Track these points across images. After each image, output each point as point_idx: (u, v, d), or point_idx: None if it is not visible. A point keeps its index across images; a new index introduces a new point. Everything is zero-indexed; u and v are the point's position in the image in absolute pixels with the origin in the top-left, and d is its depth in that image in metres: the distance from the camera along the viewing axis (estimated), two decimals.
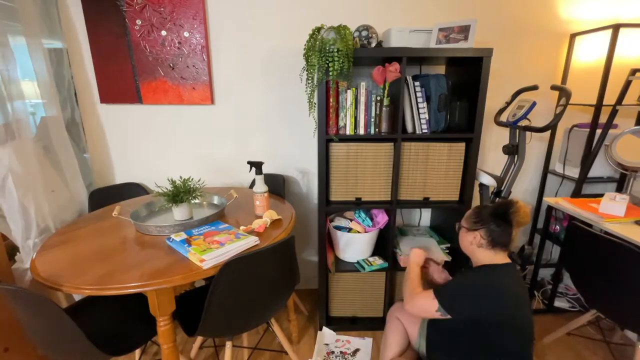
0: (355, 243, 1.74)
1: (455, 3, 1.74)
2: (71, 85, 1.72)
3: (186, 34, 1.71)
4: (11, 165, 1.31)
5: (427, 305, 1.07)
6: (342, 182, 1.60)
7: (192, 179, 1.46)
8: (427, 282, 1.39)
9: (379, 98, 1.53)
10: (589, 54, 1.76)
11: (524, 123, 1.53)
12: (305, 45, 1.42)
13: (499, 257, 1.07)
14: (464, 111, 1.55)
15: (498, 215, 1.06)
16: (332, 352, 1.63)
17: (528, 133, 1.56)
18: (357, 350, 1.65)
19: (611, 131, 1.67)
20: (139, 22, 1.69)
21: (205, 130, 1.90)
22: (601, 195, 1.47)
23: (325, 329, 1.77)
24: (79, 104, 1.79)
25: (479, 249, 1.08)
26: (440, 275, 1.38)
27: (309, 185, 2.03)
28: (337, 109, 1.53)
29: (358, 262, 1.76)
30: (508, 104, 1.65)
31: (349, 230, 1.75)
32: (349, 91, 1.50)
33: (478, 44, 1.77)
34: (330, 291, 1.79)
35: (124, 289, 0.96)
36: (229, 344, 1.29)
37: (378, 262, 1.71)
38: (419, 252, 1.34)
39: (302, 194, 2.05)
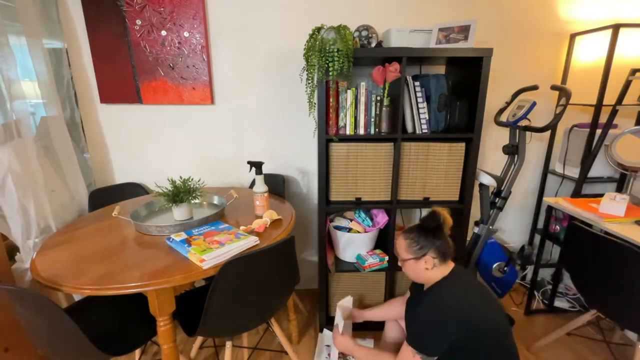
0: (355, 243, 1.74)
1: (455, 3, 1.74)
2: (71, 85, 1.72)
3: (186, 34, 1.71)
4: (11, 165, 1.31)
5: None
6: (342, 182, 1.60)
7: (192, 179, 1.46)
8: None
9: (379, 98, 1.53)
10: (589, 54, 1.76)
11: (524, 123, 1.53)
12: (305, 45, 1.42)
13: (448, 266, 1.07)
14: (464, 111, 1.55)
15: (435, 230, 1.05)
16: None
17: (528, 133, 1.57)
18: None
19: (611, 131, 1.67)
20: (139, 22, 1.69)
21: (205, 130, 1.90)
22: (601, 195, 1.47)
23: (326, 330, 1.77)
24: (79, 104, 1.79)
25: (433, 269, 1.06)
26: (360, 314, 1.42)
27: (309, 185, 2.03)
28: (337, 109, 1.53)
29: (358, 255, 1.76)
30: (508, 104, 1.66)
31: (349, 230, 1.75)
32: (349, 91, 1.50)
33: (478, 44, 1.77)
34: (330, 291, 1.79)
35: (124, 289, 0.96)
36: (229, 344, 1.29)
37: (377, 260, 1.70)
38: (341, 340, 1.26)
39: (302, 194, 2.05)
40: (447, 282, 1.04)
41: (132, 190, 1.89)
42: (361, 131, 1.56)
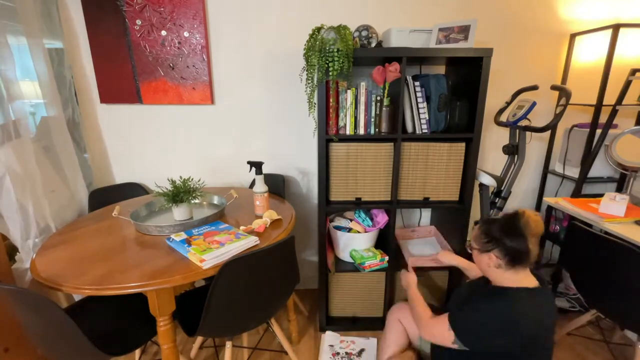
0: (355, 243, 1.74)
1: (455, 3, 1.74)
2: (72, 85, 1.72)
3: (186, 34, 1.71)
4: (10, 164, 1.31)
5: (443, 337, 0.99)
6: (342, 182, 1.60)
7: (192, 179, 1.46)
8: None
9: (379, 98, 1.53)
10: (589, 54, 1.76)
11: (524, 123, 1.53)
12: (305, 45, 1.42)
13: (523, 277, 0.96)
14: (464, 111, 1.55)
15: (509, 230, 0.94)
16: (338, 354, 1.63)
17: (528, 133, 1.57)
18: (362, 350, 1.65)
19: (611, 131, 1.67)
20: (139, 22, 1.69)
21: (205, 130, 1.90)
22: (601, 195, 1.47)
23: (328, 332, 1.77)
24: (79, 104, 1.79)
25: (498, 270, 0.97)
26: (447, 258, 1.40)
27: (309, 185, 2.03)
28: (337, 109, 1.53)
29: (354, 250, 1.75)
30: (508, 104, 1.66)
31: (349, 230, 1.75)
32: (349, 91, 1.50)
33: (478, 44, 1.77)
34: (330, 291, 1.79)
35: (124, 289, 0.96)
36: (229, 344, 1.29)
37: (375, 260, 1.70)
38: (408, 275, 1.35)
39: (302, 194, 2.05)
40: (523, 295, 0.93)
41: (132, 190, 1.89)
42: (361, 131, 1.56)
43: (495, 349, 0.94)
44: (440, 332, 1.00)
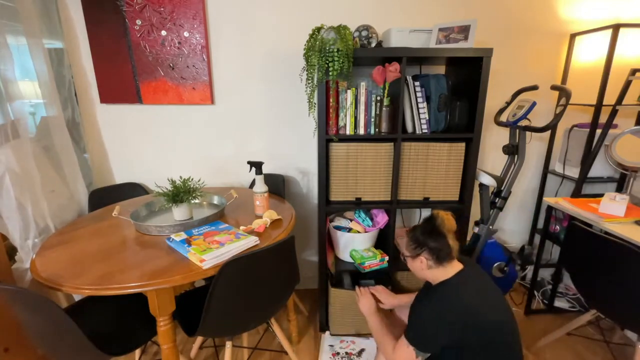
0: (355, 243, 1.74)
1: (455, 3, 1.75)
2: (71, 85, 1.72)
3: (186, 34, 1.71)
4: (9, 164, 1.31)
5: (407, 357, 1.02)
6: (342, 182, 1.60)
7: (192, 179, 1.46)
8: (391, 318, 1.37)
9: (379, 98, 1.53)
10: (589, 54, 1.76)
11: (524, 123, 1.53)
12: (305, 45, 1.42)
13: (451, 269, 1.05)
14: (464, 111, 1.55)
15: (429, 232, 1.06)
16: (338, 354, 1.63)
17: (528, 133, 1.56)
18: (362, 350, 1.65)
19: (611, 131, 1.67)
20: (139, 22, 1.69)
21: (205, 130, 1.90)
22: (601, 195, 1.47)
23: (328, 333, 1.77)
24: (79, 104, 1.79)
25: (430, 270, 1.07)
26: (390, 300, 1.38)
27: (309, 185, 2.03)
28: (337, 109, 1.53)
29: (354, 250, 1.73)
30: (508, 104, 1.66)
31: (349, 230, 1.75)
32: (349, 91, 1.50)
33: (478, 44, 1.77)
34: (330, 291, 1.78)
35: (124, 289, 0.96)
36: (229, 344, 1.29)
37: (375, 260, 1.70)
38: (366, 302, 1.31)
39: (302, 194, 2.05)
40: (452, 282, 1.03)
41: (132, 190, 1.89)
42: (361, 131, 1.56)
43: (454, 342, 0.97)
44: (404, 355, 1.03)
